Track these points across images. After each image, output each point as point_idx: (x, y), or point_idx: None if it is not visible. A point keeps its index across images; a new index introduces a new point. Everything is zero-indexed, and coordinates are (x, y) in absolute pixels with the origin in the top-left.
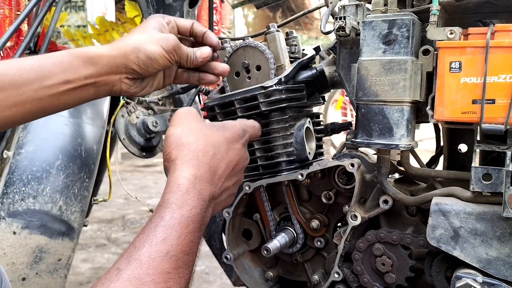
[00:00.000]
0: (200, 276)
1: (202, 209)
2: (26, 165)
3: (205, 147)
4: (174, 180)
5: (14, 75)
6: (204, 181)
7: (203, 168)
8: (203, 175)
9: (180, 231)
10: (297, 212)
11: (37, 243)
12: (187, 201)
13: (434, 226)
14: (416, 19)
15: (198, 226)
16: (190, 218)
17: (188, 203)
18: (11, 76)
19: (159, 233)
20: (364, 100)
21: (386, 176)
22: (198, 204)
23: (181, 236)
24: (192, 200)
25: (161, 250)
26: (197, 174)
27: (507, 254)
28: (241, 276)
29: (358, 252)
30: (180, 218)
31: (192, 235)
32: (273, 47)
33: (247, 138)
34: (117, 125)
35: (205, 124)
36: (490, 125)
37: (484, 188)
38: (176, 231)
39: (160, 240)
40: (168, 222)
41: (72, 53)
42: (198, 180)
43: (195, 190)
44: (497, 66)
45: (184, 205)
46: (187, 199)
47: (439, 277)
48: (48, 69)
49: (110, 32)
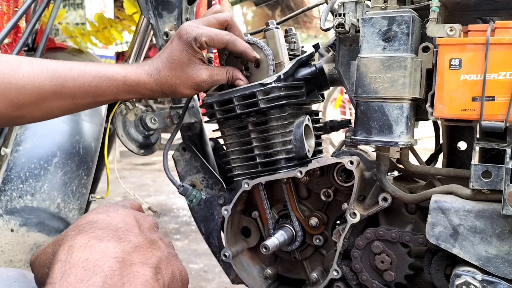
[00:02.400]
0: (199, 274)
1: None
2: (24, 162)
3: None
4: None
5: (72, 87)
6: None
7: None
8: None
9: None
10: (296, 209)
11: (35, 241)
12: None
13: (433, 224)
14: (416, 16)
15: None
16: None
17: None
18: (70, 88)
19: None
20: (363, 97)
21: (385, 174)
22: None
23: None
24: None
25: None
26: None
27: (506, 251)
28: (240, 274)
29: (357, 250)
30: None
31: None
32: (272, 44)
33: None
34: (115, 123)
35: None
36: (490, 123)
37: (483, 186)
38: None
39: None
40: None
41: (123, 81)
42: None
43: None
44: (497, 63)
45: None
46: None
47: (438, 275)
48: (103, 90)
49: (109, 29)
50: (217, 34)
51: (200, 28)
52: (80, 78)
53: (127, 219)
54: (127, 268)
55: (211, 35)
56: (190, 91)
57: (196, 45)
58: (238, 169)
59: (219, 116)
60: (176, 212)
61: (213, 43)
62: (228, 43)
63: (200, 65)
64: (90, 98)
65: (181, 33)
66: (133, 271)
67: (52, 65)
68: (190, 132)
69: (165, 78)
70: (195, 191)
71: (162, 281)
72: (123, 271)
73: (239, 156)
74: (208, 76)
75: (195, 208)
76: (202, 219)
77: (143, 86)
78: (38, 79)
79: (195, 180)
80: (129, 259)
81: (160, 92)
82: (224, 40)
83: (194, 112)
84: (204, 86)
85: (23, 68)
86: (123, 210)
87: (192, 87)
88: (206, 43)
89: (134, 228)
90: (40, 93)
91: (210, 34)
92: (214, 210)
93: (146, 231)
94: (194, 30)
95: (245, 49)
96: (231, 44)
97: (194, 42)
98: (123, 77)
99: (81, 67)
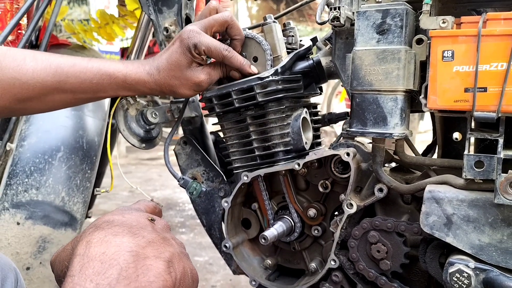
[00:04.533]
0: (204, 267)
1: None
2: (29, 157)
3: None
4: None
5: (74, 83)
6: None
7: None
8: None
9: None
10: (294, 201)
11: (41, 233)
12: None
13: (427, 213)
14: (410, 9)
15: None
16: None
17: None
18: (72, 84)
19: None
20: (358, 89)
21: (381, 165)
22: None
23: None
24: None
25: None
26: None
27: (499, 240)
28: (240, 264)
29: (354, 240)
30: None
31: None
32: (270, 38)
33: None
34: (116, 117)
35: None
36: (482, 113)
37: (476, 175)
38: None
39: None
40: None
41: (123, 79)
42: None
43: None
44: (488, 55)
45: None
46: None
47: (433, 263)
48: (103, 87)
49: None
50: (216, 47)
51: (202, 36)
52: (82, 74)
53: (141, 219)
54: (141, 261)
55: (211, 48)
56: (190, 92)
57: (195, 51)
58: (237, 162)
59: (218, 110)
60: (181, 206)
61: (211, 54)
62: (225, 59)
63: (198, 67)
64: (90, 94)
65: (183, 37)
66: (146, 264)
67: (56, 61)
68: (190, 126)
69: (165, 78)
70: (195, 183)
71: (174, 275)
72: (137, 264)
73: (238, 149)
74: (206, 75)
75: (196, 200)
76: (204, 211)
77: (143, 85)
78: (41, 75)
79: (196, 173)
80: (143, 253)
81: (160, 92)
82: (222, 55)
83: (194, 106)
84: (204, 85)
85: (27, 64)
86: (137, 212)
87: (192, 87)
88: (204, 52)
89: (147, 226)
90: (43, 88)
91: (210, 46)
92: (215, 202)
93: (159, 230)
94: (195, 37)
95: (241, 65)
96: (228, 61)
97: (193, 49)
98: (123, 76)
99: (83, 63)
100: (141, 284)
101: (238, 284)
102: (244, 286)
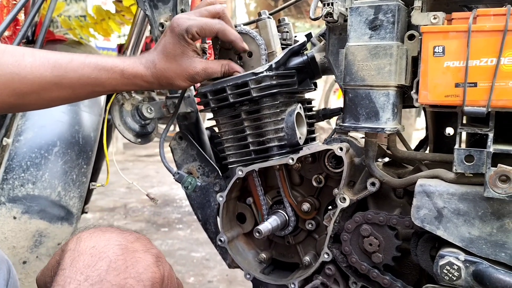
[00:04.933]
0: (201, 262)
1: None
2: (25, 152)
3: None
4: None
5: (72, 78)
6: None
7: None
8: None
9: None
10: (289, 195)
11: (37, 228)
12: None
13: (418, 207)
14: (402, 5)
15: None
16: None
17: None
18: (70, 79)
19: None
20: (351, 85)
21: (373, 159)
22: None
23: None
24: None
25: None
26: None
27: (488, 233)
28: (235, 258)
29: (347, 233)
30: None
31: None
32: (264, 33)
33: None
34: (112, 112)
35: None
36: (473, 108)
37: (466, 169)
38: None
39: None
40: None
41: (121, 73)
42: None
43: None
44: (479, 50)
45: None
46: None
47: (424, 256)
48: (102, 82)
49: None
50: (207, 23)
51: (191, 20)
52: (80, 70)
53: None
54: (130, 253)
55: (202, 25)
56: (185, 83)
57: (188, 36)
58: (232, 157)
59: (213, 105)
60: (178, 202)
61: (204, 32)
62: (218, 32)
63: (194, 57)
64: (89, 89)
65: (173, 26)
66: (135, 257)
67: (54, 57)
68: (186, 121)
69: (161, 71)
70: (190, 178)
71: (162, 269)
72: (126, 256)
73: (233, 144)
74: (202, 68)
75: (191, 195)
76: (199, 206)
77: (141, 79)
78: (40, 70)
79: (191, 168)
80: (131, 247)
81: (158, 85)
82: (215, 28)
83: (190, 102)
84: (198, 78)
85: (25, 60)
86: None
87: (187, 79)
88: (197, 33)
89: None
90: (41, 83)
91: (201, 24)
92: (210, 197)
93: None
94: (185, 22)
95: (235, 39)
96: (222, 33)
97: (185, 34)
98: (121, 70)
99: (81, 59)
100: (130, 275)
101: (235, 280)
102: (241, 281)
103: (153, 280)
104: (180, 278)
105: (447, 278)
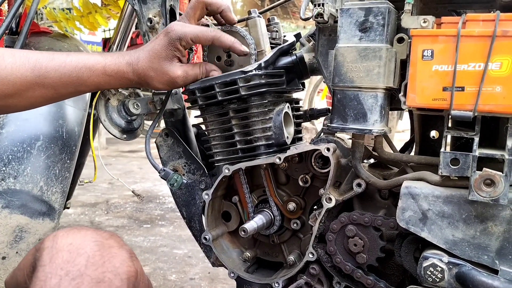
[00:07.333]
0: (183, 260)
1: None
2: (7, 145)
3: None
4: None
5: (53, 78)
6: None
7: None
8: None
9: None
10: (274, 194)
11: (18, 223)
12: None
13: (403, 209)
14: (392, 7)
15: None
16: None
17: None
18: (52, 78)
19: None
20: (340, 86)
21: (360, 160)
22: None
23: None
24: None
25: None
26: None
27: (472, 235)
28: (220, 257)
29: (332, 233)
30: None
31: None
32: (254, 32)
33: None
34: (98, 107)
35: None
36: (459, 112)
37: (451, 172)
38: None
39: None
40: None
41: (103, 71)
42: None
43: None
44: (467, 55)
45: None
46: None
47: (408, 257)
48: (84, 80)
49: (93, 15)
50: (202, 31)
51: (187, 27)
52: (61, 69)
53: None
54: (107, 249)
55: (197, 34)
56: (163, 86)
57: (181, 43)
58: (219, 155)
59: (200, 103)
60: (161, 199)
61: (199, 40)
62: (214, 40)
63: (177, 63)
64: (71, 88)
65: (168, 30)
66: (112, 252)
67: (34, 56)
68: (173, 118)
69: (142, 69)
70: (176, 175)
71: (137, 265)
72: (103, 252)
73: (220, 142)
74: (182, 72)
75: (177, 192)
76: (184, 203)
77: (122, 75)
78: (21, 70)
79: (177, 165)
80: (107, 243)
81: (137, 83)
82: (210, 37)
83: (177, 99)
84: (179, 82)
85: (5, 60)
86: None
87: (166, 82)
88: (192, 40)
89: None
90: (23, 83)
91: (196, 32)
92: (196, 195)
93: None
94: (180, 29)
95: (232, 44)
96: (217, 41)
97: (178, 41)
98: (102, 67)
99: (62, 58)
100: (107, 269)
101: (216, 277)
102: (222, 279)
103: (129, 274)
104: (162, 275)
105: (431, 280)
